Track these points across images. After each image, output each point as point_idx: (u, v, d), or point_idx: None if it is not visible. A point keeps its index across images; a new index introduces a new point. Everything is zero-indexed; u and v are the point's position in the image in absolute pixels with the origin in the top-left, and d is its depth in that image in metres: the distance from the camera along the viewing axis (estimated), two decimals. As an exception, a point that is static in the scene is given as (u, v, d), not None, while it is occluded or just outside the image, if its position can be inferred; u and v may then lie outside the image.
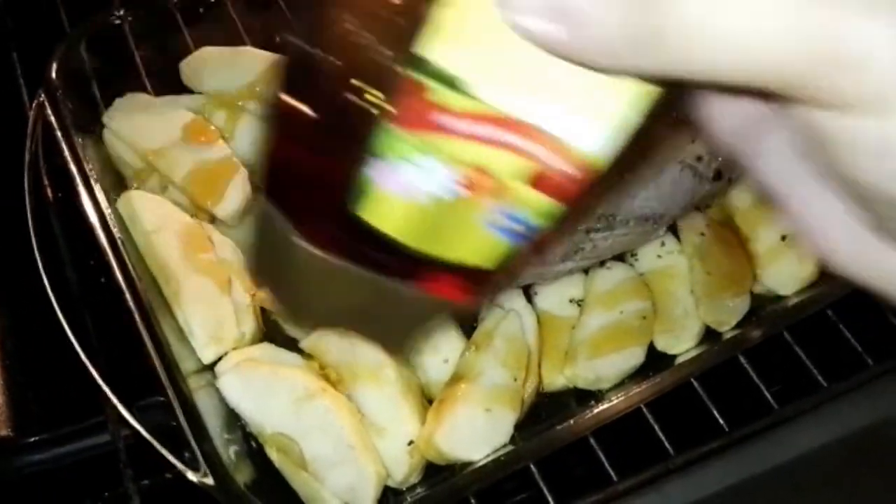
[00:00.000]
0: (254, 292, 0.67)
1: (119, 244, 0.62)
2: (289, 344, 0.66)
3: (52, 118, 0.69)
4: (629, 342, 0.68)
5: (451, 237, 0.31)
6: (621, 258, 0.73)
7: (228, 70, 0.77)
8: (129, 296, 0.60)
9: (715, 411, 0.66)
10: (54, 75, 0.71)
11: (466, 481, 0.59)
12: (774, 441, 0.66)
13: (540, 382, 0.67)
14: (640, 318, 0.69)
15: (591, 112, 0.26)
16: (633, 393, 0.63)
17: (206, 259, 0.65)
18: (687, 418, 0.65)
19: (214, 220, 0.71)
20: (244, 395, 0.60)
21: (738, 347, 0.68)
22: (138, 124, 0.73)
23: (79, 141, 0.68)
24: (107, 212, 0.64)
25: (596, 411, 0.62)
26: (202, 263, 0.65)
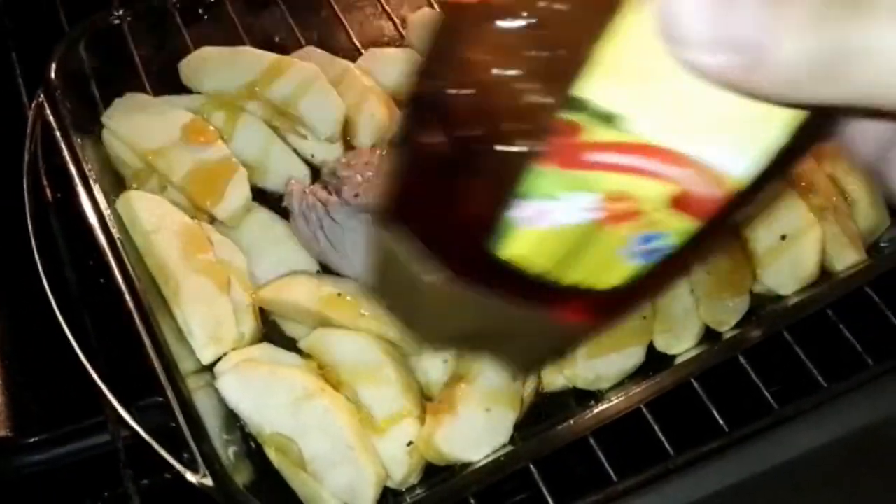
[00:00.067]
0: (253, 292, 0.67)
1: (118, 244, 0.62)
2: (288, 344, 0.66)
3: (52, 118, 0.69)
4: (629, 342, 0.68)
5: (589, 263, 0.31)
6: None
7: (228, 70, 0.77)
8: (129, 296, 0.60)
9: (715, 411, 0.66)
10: (53, 75, 0.71)
11: (466, 482, 0.59)
12: (774, 441, 0.66)
13: (539, 382, 0.67)
14: (640, 318, 0.69)
15: (741, 136, 0.26)
16: (633, 393, 0.63)
17: (206, 259, 0.65)
18: (687, 418, 0.65)
19: (214, 221, 0.71)
20: (243, 396, 0.60)
21: (738, 347, 0.68)
22: (137, 124, 0.73)
23: (78, 141, 0.68)
24: (106, 212, 0.64)
25: (595, 411, 0.62)
26: (201, 264, 0.65)
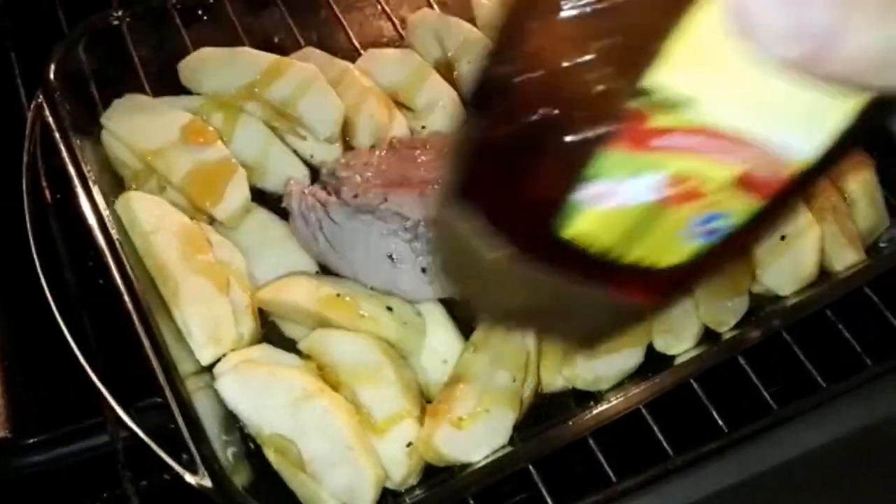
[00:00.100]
0: (252, 293, 0.67)
1: (117, 245, 0.62)
2: (287, 345, 0.66)
3: (51, 119, 0.69)
4: (628, 342, 0.68)
5: (651, 243, 0.32)
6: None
7: (227, 71, 0.77)
8: (128, 297, 0.60)
9: (714, 412, 0.66)
10: (52, 76, 0.71)
11: (465, 482, 0.59)
12: (773, 441, 0.66)
13: (539, 383, 0.67)
14: (639, 319, 0.69)
15: (807, 120, 0.27)
16: (632, 393, 0.63)
17: (205, 260, 0.65)
18: (686, 419, 0.65)
19: (213, 221, 0.71)
20: (242, 397, 0.60)
21: (738, 348, 0.68)
22: (136, 125, 0.72)
23: (77, 142, 0.68)
24: (105, 213, 0.64)
25: (595, 412, 0.62)
26: (200, 264, 0.65)
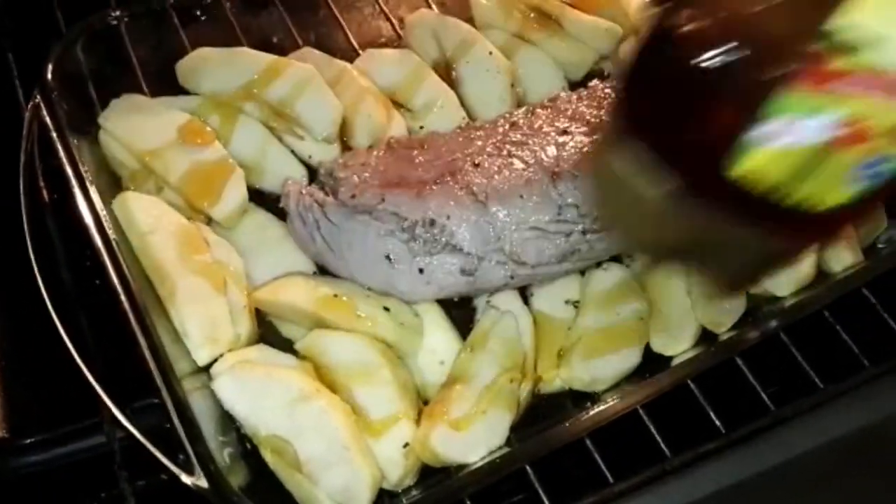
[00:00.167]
0: (249, 293, 0.67)
1: (114, 245, 0.62)
2: (284, 345, 0.66)
3: (48, 119, 0.69)
4: (625, 343, 0.68)
5: (815, 184, 0.33)
6: (618, 259, 0.73)
7: (225, 71, 0.77)
8: (124, 297, 0.60)
9: (711, 413, 0.66)
10: (50, 76, 0.71)
11: (462, 483, 0.59)
12: (771, 442, 0.66)
13: (536, 384, 0.67)
14: (637, 320, 0.69)
15: None
16: (630, 394, 0.63)
17: (202, 260, 0.65)
18: (683, 420, 0.65)
19: (210, 222, 0.71)
20: (239, 397, 0.60)
21: (735, 349, 0.68)
22: (134, 125, 0.72)
23: (74, 142, 0.68)
24: (102, 213, 0.64)
25: (592, 413, 0.62)
26: (197, 265, 0.65)
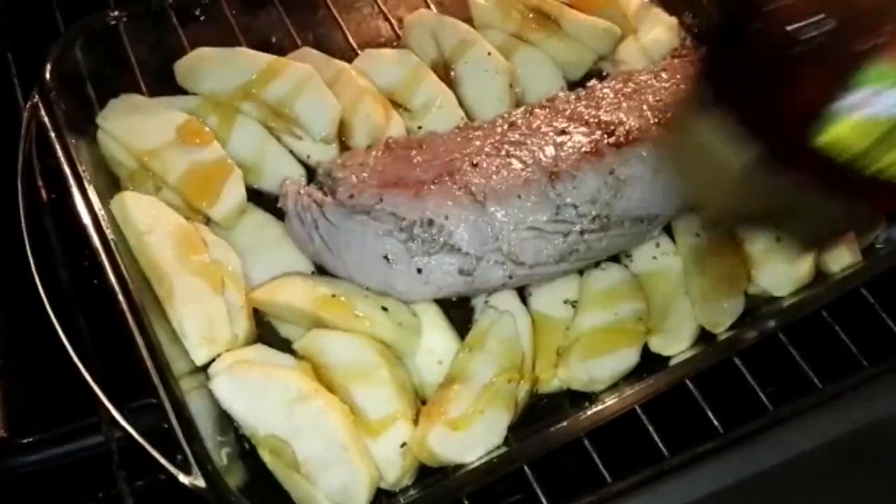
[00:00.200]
0: (247, 293, 0.67)
1: (112, 245, 0.62)
2: (282, 345, 0.66)
3: (46, 119, 0.69)
4: (623, 343, 0.68)
5: None
6: (616, 259, 0.73)
7: (223, 71, 0.77)
8: (122, 297, 0.60)
9: (709, 412, 0.66)
10: (48, 76, 0.71)
11: (460, 483, 0.59)
12: (769, 442, 0.66)
13: (534, 384, 0.67)
14: (635, 320, 0.69)
15: None
16: (628, 394, 0.63)
17: (200, 260, 0.65)
18: (681, 419, 0.65)
19: (209, 222, 0.71)
20: (237, 397, 0.60)
21: (733, 349, 0.68)
22: (132, 125, 0.72)
23: (72, 142, 0.68)
24: (100, 213, 0.64)
25: (590, 413, 0.62)
26: (195, 265, 0.65)
